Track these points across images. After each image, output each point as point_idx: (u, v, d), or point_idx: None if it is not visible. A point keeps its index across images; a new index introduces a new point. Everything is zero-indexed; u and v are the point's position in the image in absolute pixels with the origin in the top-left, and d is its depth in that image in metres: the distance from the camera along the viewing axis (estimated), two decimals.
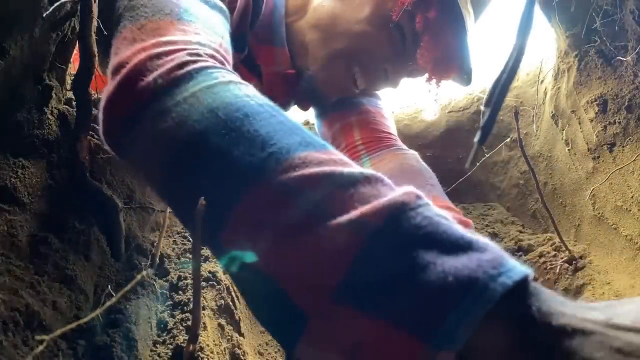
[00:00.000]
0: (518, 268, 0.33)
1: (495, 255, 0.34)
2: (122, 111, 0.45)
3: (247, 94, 0.44)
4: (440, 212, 0.37)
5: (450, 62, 0.81)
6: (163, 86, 0.44)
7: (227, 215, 0.39)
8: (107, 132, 0.47)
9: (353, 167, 0.40)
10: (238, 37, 0.77)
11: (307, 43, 0.86)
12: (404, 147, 0.93)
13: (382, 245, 0.34)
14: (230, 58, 0.56)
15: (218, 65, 0.48)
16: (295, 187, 0.37)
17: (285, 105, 0.98)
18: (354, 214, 0.36)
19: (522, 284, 0.33)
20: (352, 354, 0.33)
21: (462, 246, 0.34)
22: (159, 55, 0.46)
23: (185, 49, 0.47)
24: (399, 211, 0.35)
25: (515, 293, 0.32)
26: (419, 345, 0.31)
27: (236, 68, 0.88)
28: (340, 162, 0.40)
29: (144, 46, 0.47)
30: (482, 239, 0.36)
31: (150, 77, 0.44)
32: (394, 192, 0.38)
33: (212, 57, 0.49)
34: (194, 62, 0.46)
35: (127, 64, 0.46)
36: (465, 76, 0.85)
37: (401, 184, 0.89)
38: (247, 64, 0.88)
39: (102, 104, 0.46)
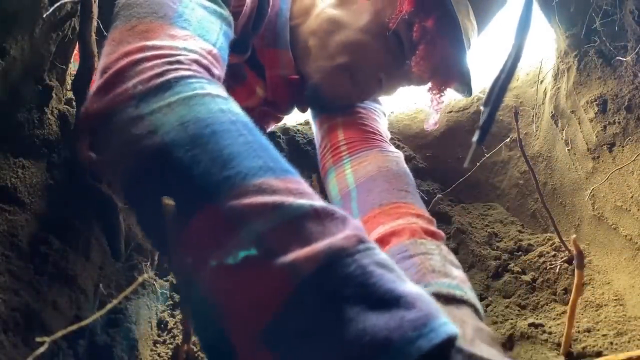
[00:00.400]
0: (442, 328, 0.33)
1: (420, 314, 0.34)
2: (99, 112, 0.45)
3: (221, 108, 0.44)
4: (381, 257, 0.37)
5: (447, 72, 0.81)
6: (141, 92, 0.44)
7: (179, 232, 0.39)
8: (83, 130, 0.48)
9: (305, 199, 0.40)
10: (241, 39, 0.77)
11: (309, 49, 0.87)
12: (390, 148, 0.92)
13: (311, 294, 0.34)
14: (220, 65, 0.56)
15: (200, 73, 0.48)
16: (242, 215, 0.37)
17: (287, 109, 0.98)
18: (290, 257, 0.35)
19: (444, 346, 0.33)
20: None
21: (388, 302, 0.34)
22: (140, 61, 0.46)
23: (168, 55, 0.47)
24: (334, 258, 0.35)
25: (434, 356, 0.32)
26: None
27: (240, 69, 0.89)
28: (295, 191, 0.40)
29: (129, 50, 0.47)
30: (414, 292, 0.36)
31: (130, 83, 0.44)
32: (339, 231, 0.38)
33: (196, 62, 0.49)
34: (175, 70, 0.46)
35: (110, 69, 0.46)
36: (463, 86, 0.85)
37: (375, 188, 0.88)
38: (253, 66, 0.89)
39: (84, 104, 0.47)
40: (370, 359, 0.32)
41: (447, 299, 0.58)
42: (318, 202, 0.40)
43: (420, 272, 0.61)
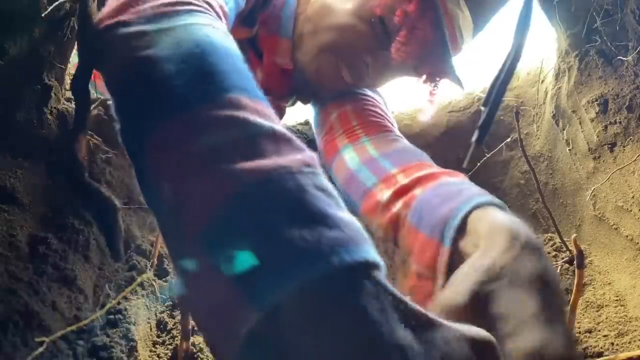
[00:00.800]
0: (360, 254, 0.35)
1: (342, 235, 0.35)
2: (110, 25, 0.49)
3: (218, 36, 0.49)
4: (323, 182, 0.40)
5: (431, 60, 0.81)
6: (150, 14, 0.49)
7: (152, 131, 0.43)
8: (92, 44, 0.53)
9: (269, 121, 0.43)
10: (250, 13, 0.80)
11: (304, 36, 0.89)
12: (400, 134, 0.94)
13: (247, 203, 0.37)
14: (227, 21, 0.60)
15: (207, 11, 0.52)
16: (208, 124, 0.41)
17: (284, 97, 0.99)
18: (237, 166, 0.38)
19: (358, 271, 0.34)
20: (193, 295, 0.37)
21: (315, 220, 0.36)
22: None
23: None
24: (276, 174, 0.38)
25: (344, 278, 0.34)
26: (236, 300, 0.34)
27: (244, 51, 0.91)
28: (261, 112, 0.43)
29: None
30: (345, 217, 0.37)
31: (143, 6, 0.49)
32: (291, 154, 0.41)
33: (208, 3, 0.53)
34: (188, 4, 0.51)
35: None
36: (450, 77, 0.83)
37: (407, 155, 0.90)
38: (255, 51, 0.91)
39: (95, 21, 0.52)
40: (283, 269, 0.34)
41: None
42: (280, 127, 0.43)
43: (481, 191, 0.61)
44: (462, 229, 0.57)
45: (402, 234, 0.68)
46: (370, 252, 0.36)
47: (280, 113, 1.07)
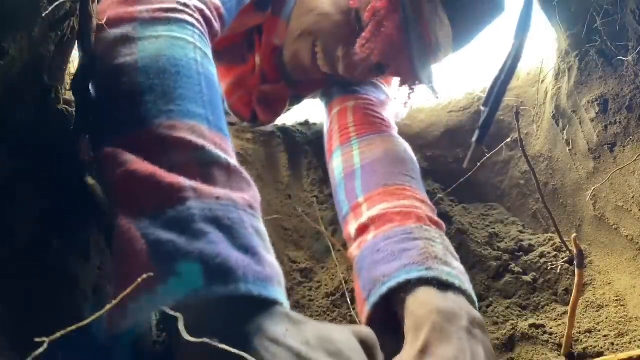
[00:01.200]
0: (274, 292, 0.41)
1: (266, 274, 0.41)
2: (109, 19, 0.53)
3: (196, 58, 0.51)
4: (260, 226, 0.45)
5: (399, 60, 0.80)
6: (144, 19, 0.51)
7: (119, 135, 0.47)
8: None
9: (224, 153, 0.47)
10: None
11: (293, 18, 0.91)
12: (396, 135, 0.94)
13: (193, 211, 0.42)
14: (221, 23, 0.62)
15: (201, 23, 0.54)
16: (167, 143, 0.45)
17: (277, 80, 0.99)
18: (191, 183, 0.42)
19: (266, 304, 0.41)
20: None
21: (247, 251, 0.41)
22: None
23: None
24: (225, 202, 0.42)
25: (255, 307, 0.40)
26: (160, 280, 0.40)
27: (252, 39, 0.94)
28: (218, 144, 0.47)
29: None
30: (270, 259, 0.43)
31: (139, 7, 0.52)
32: (239, 189, 0.45)
33: (201, 11, 0.57)
34: (180, 11, 0.53)
35: None
36: (419, 78, 0.81)
37: (380, 170, 0.93)
38: (260, 34, 0.93)
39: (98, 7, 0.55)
40: (212, 279, 0.38)
41: (447, 286, 0.61)
42: (234, 161, 0.47)
43: (423, 256, 0.64)
44: (390, 296, 0.62)
45: (354, 274, 0.73)
46: (280, 293, 0.43)
47: (284, 100, 1.06)
